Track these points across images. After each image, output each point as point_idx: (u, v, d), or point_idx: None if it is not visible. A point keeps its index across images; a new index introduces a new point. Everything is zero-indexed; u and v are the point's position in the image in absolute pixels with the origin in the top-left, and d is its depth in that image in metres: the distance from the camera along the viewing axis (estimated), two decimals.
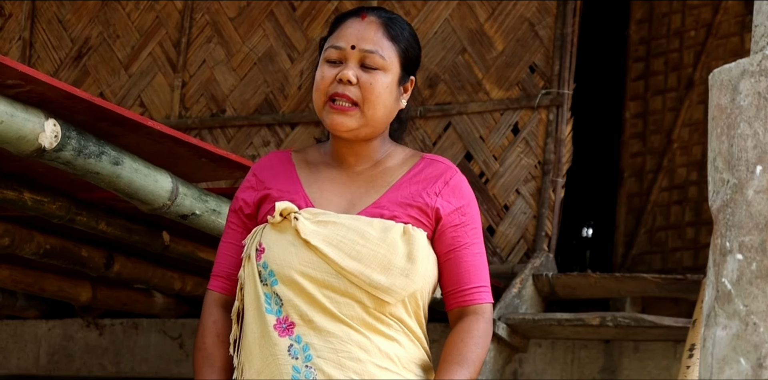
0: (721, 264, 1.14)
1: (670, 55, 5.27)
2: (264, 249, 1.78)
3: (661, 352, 3.83)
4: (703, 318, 1.14)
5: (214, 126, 5.24)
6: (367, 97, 1.79)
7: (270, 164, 1.90)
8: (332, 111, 1.79)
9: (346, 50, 1.80)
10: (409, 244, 1.76)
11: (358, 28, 1.82)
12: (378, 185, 1.84)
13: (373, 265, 1.74)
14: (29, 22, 5.63)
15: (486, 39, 4.78)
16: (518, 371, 4.00)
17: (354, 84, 1.79)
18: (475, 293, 1.81)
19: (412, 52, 1.85)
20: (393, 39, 1.82)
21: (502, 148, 4.65)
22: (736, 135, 1.18)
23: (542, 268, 4.23)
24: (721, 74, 1.24)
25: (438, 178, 1.83)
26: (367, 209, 1.80)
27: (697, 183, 4.97)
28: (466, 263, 1.81)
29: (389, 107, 1.82)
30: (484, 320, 1.80)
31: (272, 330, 1.74)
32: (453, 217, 1.82)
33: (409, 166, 1.86)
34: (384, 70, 1.80)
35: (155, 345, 4.62)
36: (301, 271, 1.74)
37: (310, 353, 1.72)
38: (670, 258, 5.00)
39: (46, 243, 3.39)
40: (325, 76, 1.80)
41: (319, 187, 1.84)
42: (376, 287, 1.74)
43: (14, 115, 2.31)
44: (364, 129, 1.81)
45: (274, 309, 1.75)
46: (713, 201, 1.20)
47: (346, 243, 1.75)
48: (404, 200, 1.80)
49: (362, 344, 1.73)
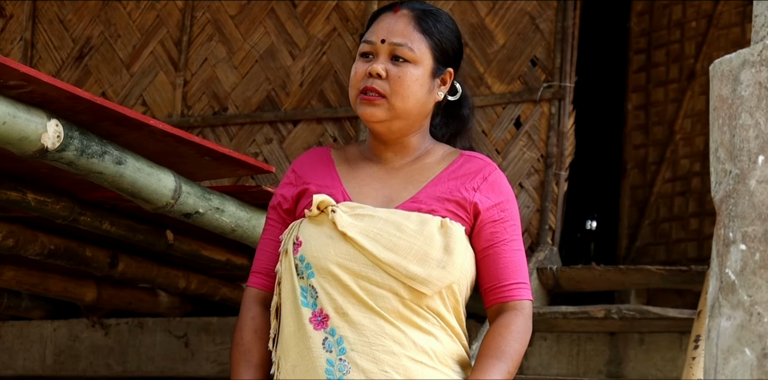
0: (725, 255, 1.13)
1: (672, 47, 5.26)
2: (301, 242, 1.78)
3: (667, 344, 3.83)
4: (707, 309, 1.14)
5: (217, 124, 5.24)
6: (395, 90, 1.80)
7: (309, 160, 1.90)
8: (362, 103, 1.81)
9: (377, 44, 1.82)
10: (447, 237, 1.76)
11: (389, 22, 1.83)
12: (416, 180, 1.84)
13: (409, 257, 1.73)
14: (30, 23, 5.63)
15: (487, 33, 4.78)
16: (524, 364, 4.00)
17: (384, 78, 1.80)
18: (514, 289, 1.80)
19: (447, 43, 1.85)
20: (424, 31, 1.82)
21: (504, 141, 4.65)
22: (737, 125, 1.18)
23: (546, 262, 4.23)
24: (722, 65, 1.24)
25: (477, 173, 1.83)
26: (405, 203, 1.80)
27: (701, 174, 4.96)
28: (505, 259, 1.80)
29: (420, 99, 1.82)
30: (523, 316, 1.79)
31: (307, 324, 1.74)
32: (492, 213, 1.81)
33: (447, 163, 1.85)
34: (414, 62, 1.80)
35: (161, 344, 4.62)
36: (338, 263, 1.74)
37: (344, 346, 1.71)
38: (674, 250, 5.00)
39: (50, 243, 3.39)
40: (358, 71, 1.83)
41: (357, 183, 1.84)
42: (413, 278, 1.73)
43: (17, 115, 2.31)
44: (397, 121, 1.82)
45: (310, 302, 1.75)
46: (716, 192, 1.19)
47: (383, 235, 1.75)
48: (442, 195, 1.80)
49: (397, 337, 1.72)
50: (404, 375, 1.70)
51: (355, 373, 1.70)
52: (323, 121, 5.05)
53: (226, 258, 3.68)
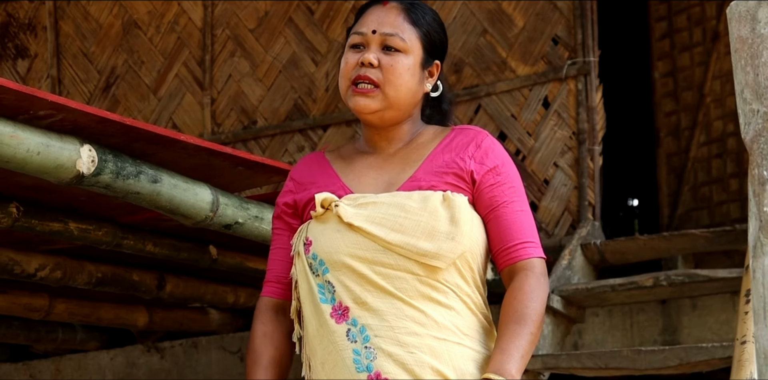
0: (761, 194, 1.12)
1: (692, 10, 5.21)
2: (311, 241, 1.80)
3: (720, 306, 3.78)
4: (749, 250, 1.13)
5: (248, 138, 5.27)
6: (388, 78, 1.82)
7: (306, 165, 1.94)
8: (355, 94, 1.84)
9: (368, 35, 1.85)
10: (451, 208, 1.77)
11: (379, 14, 1.87)
12: (412, 161, 1.86)
13: (417, 234, 1.75)
14: (55, 60, 5.71)
15: (505, 17, 4.76)
16: (578, 342, 3.97)
17: (375, 66, 1.83)
18: (519, 249, 1.81)
19: (434, 35, 1.88)
20: (414, 23, 1.86)
21: (534, 123, 4.62)
22: (760, 64, 1.17)
23: (589, 237, 4.20)
24: (739, 6, 1.23)
25: (469, 142, 1.85)
26: (405, 184, 1.83)
27: (735, 134, 4.90)
28: (506, 221, 1.82)
29: (412, 89, 1.85)
30: (534, 274, 1.79)
31: (329, 319, 1.76)
32: (488, 178, 1.83)
33: (440, 138, 1.88)
34: (405, 52, 1.84)
35: (216, 362, 4.64)
36: (350, 253, 1.76)
37: (367, 334, 1.73)
38: (717, 213, 4.94)
39: (97, 271, 3.43)
40: (349, 62, 1.85)
41: (355, 175, 1.87)
42: (424, 254, 1.74)
43: (50, 144, 2.35)
44: (389, 111, 1.85)
45: (328, 297, 1.77)
46: (746, 133, 1.18)
47: (388, 218, 1.77)
48: (439, 169, 1.83)
49: (418, 318, 1.73)
50: (430, 354, 1.71)
51: (382, 358, 1.71)
52: (352, 123, 5.05)
53: None
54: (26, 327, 4.26)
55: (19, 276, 3.23)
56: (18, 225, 2.79)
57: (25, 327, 4.26)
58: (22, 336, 4.28)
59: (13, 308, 3.74)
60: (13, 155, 2.28)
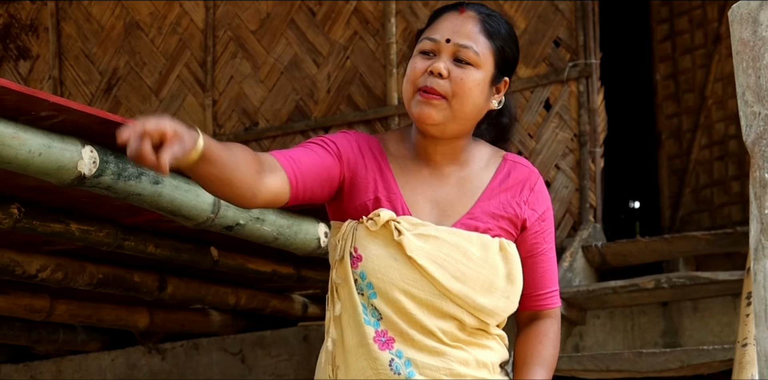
0: (762, 197, 1.12)
1: (694, 13, 5.21)
2: (361, 256, 1.73)
3: (721, 308, 3.78)
4: (751, 253, 1.13)
5: (249, 139, 5.27)
6: (456, 92, 1.74)
7: (368, 148, 1.81)
8: (420, 101, 1.75)
9: (441, 43, 1.77)
10: (508, 263, 1.76)
11: (455, 22, 1.78)
12: (468, 190, 1.80)
13: (476, 287, 1.73)
14: (57, 61, 5.71)
15: (507, 19, 4.75)
16: (579, 344, 3.97)
17: (445, 77, 1.74)
18: (550, 297, 1.84)
19: (508, 51, 1.80)
20: (489, 36, 1.78)
21: (536, 125, 4.62)
22: (762, 66, 1.17)
23: (591, 239, 4.20)
24: (740, 8, 1.23)
25: (524, 184, 1.82)
26: (462, 220, 1.77)
27: (736, 136, 4.90)
28: (542, 268, 1.83)
29: (478, 105, 1.77)
30: (557, 323, 1.85)
31: (372, 343, 1.72)
32: (536, 225, 1.82)
33: (493, 169, 1.83)
34: (477, 66, 1.76)
35: (218, 363, 4.64)
36: (404, 289, 1.72)
37: (412, 369, 1.71)
38: (718, 215, 4.94)
39: (98, 272, 3.43)
40: (417, 68, 1.77)
41: (411, 189, 1.78)
42: (480, 310, 1.74)
43: (51, 145, 2.35)
44: (451, 124, 1.76)
45: (372, 321, 1.73)
46: (747, 135, 1.18)
47: (450, 262, 1.72)
48: (495, 211, 1.79)
49: (462, 358, 1.73)
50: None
51: None
52: (354, 124, 5.06)
53: (271, 269, 3.70)
54: (27, 328, 4.26)
55: (21, 277, 3.24)
56: (19, 226, 2.79)
57: (26, 328, 4.26)
58: (23, 337, 4.28)
59: (14, 309, 3.74)
60: (15, 156, 2.28)
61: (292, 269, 3.79)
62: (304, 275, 3.84)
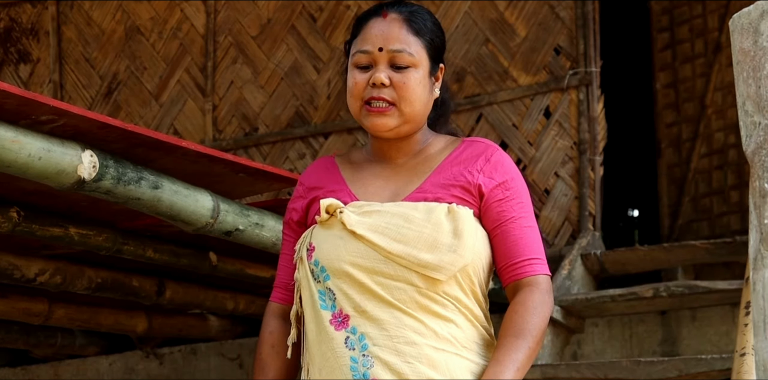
0: (762, 206, 1.12)
1: (694, 22, 5.22)
2: (314, 247, 1.80)
3: (719, 318, 3.78)
4: (750, 262, 1.13)
5: (249, 145, 5.28)
6: (403, 96, 1.80)
7: (315, 171, 1.93)
8: (370, 114, 1.81)
9: (374, 53, 1.80)
10: (455, 221, 1.76)
11: (382, 28, 1.81)
12: (420, 172, 1.85)
13: (419, 245, 1.74)
14: (57, 65, 5.72)
15: (508, 27, 4.77)
16: (577, 352, 3.97)
17: (387, 86, 1.79)
18: (526, 266, 1.79)
19: (437, 41, 1.85)
20: (417, 33, 1.82)
21: (536, 132, 4.63)
22: (762, 76, 1.17)
23: (590, 247, 4.20)
24: (741, 18, 1.23)
25: (479, 156, 1.84)
26: (411, 195, 1.82)
27: (736, 146, 4.91)
28: (514, 236, 1.80)
29: (425, 101, 1.83)
30: (539, 291, 1.77)
31: (328, 326, 1.76)
32: (496, 192, 1.81)
33: (450, 150, 1.87)
34: (414, 66, 1.81)
35: (215, 369, 4.64)
36: (351, 261, 1.76)
37: (366, 342, 1.73)
38: (717, 224, 4.94)
39: (97, 277, 3.43)
40: (358, 82, 1.81)
41: (363, 183, 1.86)
42: (425, 266, 1.73)
43: (51, 149, 2.35)
44: (405, 126, 1.83)
45: (329, 304, 1.77)
46: (747, 145, 1.18)
47: (391, 228, 1.76)
48: (446, 181, 1.82)
49: (417, 328, 1.73)
50: (428, 365, 1.71)
51: (379, 367, 1.71)
52: (353, 130, 5.06)
53: (270, 275, 3.69)
54: (25, 331, 4.26)
55: (19, 280, 3.23)
56: (18, 229, 2.79)
57: (24, 331, 4.25)
58: (21, 340, 4.28)
59: (12, 313, 3.74)
60: (15, 160, 2.28)
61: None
62: None
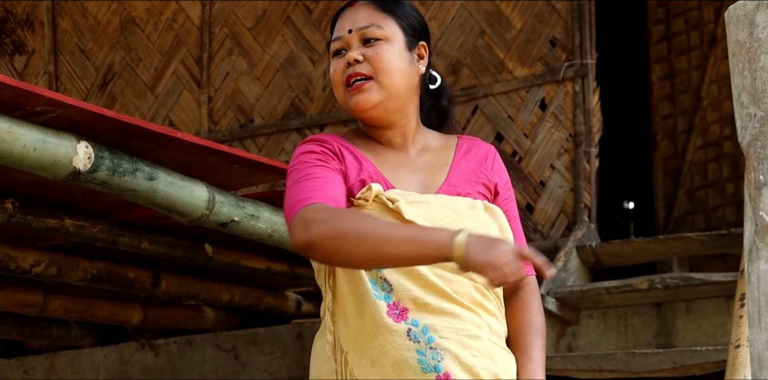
0: (757, 198, 1.12)
1: (690, 14, 5.22)
2: None
3: (715, 310, 3.79)
4: (745, 254, 1.13)
5: (244, 136, 5.27)
6: (378, 66, 1.79)
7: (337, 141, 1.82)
8: (351, 94, 1.80)
9: (345, 37, 1.82)
10: (497, 219, 1.79)
11: (350, 15, 1.84)
12: (438, 165, 1.84)
13: None
14: (52, 56, 5.70)
15: (503, 18, 4.76)
16: (572, 344, 3.97)
17: (362, 61, 1.79)
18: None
19: (410, 17, 1.86)
20: (385, 10, 1.83)
21: (531, 124, 4.63)
22: (757, 68, 1.17)
23: (585, 239, 4.20)
24: (737, 10, 1.23)
25: (486, 155, 1.88)
26: (443, 188, 1.81)
27: (731, 138, 4.91)
28: (517, 237, 1.85)
29: (404, 71, 1.81)
30: (536, 290, 1.86)
31: (386, 317, 1.69)
32: (504, 192, 1.87)
33: (453, 146, 1.88)
34: (385, 38, 1.81)
35: (211, 360, 4.64)
36: None
37: (431, 335, 1.69)
38: (712, 216, 4.95)
39: (92, 268, 3.43)
40: (336, 69, 1.82)
41: (391, 169, 1.82)
42: None
43: (46, 141, 2.34)
44: (391, 101, 1.80)
45: (382, 295, 1.71)
46: (742, 137, 1.18)
47: (446, 221, 1.73)
48: (470, 177, 1.83)
49: (476, 322, 1.73)
50: (489, 358, 1.71)
51: (449, 360, 1.68)
52: (349, 122, 5.05)
53: (266, 266, 3.70)
54: (20, 323, 4.26)
55: (14, 272, 3.23)
56: (13, 221, 2.78)
57: (19, 323, 4.25)
58: (16, 332, 4.28)
59: (7, 304, 3.74)
60: (10, 151, 2.28)
61: (287, 266, 3.79)
62: (299, 272, 3.84)
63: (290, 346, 4.50)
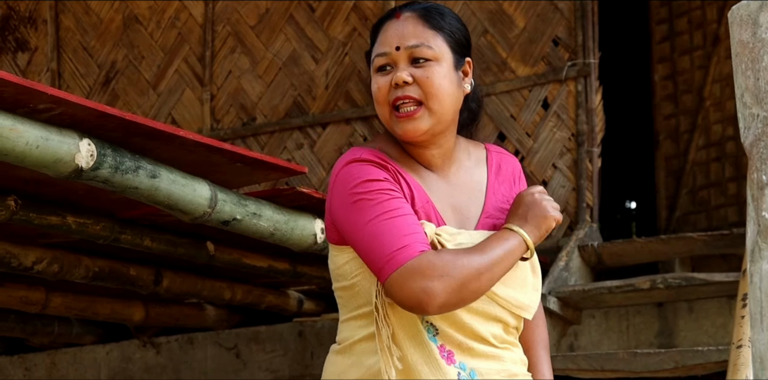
0: (760, 198, 1.12)
1: (693, 13, 5.22)
2: None
3: (716, 310, 3.79)
4: (747, 254, 1.13)
5: (247, 135, 5.28)
6: (429, 92, 1.72)
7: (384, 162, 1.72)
8: (400, 120, 1.72)
9: (392, 54, 1.74)
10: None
11: (397, 28, 1.75)
12: (472, 190, 1.80)
13: (515, 286, 1.73)
14: (55, 53, 5.71)
15: (506, 18, 4.76)
16: (574, 344, 3.98)
17: (411, 83, 1.72)
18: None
19: (458, 34, 1.78)
20: (434, 27, 1.75)
21: (534, 124, 4.63)
22: (761, 68, 1.17)
23: (587, 239, 4.20)
24: (740, 10, 1.23)
25: (514, 174, 1.86)
26: (482, 221, 1.77)
27: (734, 138, 4.91)
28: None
29: (454, 96, 1.75)
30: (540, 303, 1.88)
31: (440, 358, 1.68)
32: None
33: (483, 163, 1.84)
34: (436, 59, 1.73)
35: (212, 358, 4.64)
36: None
37: (478, 378, 1.71)
38: (714, 216, 4.95)
39: (94, 266, 3.43)
40: (381, 86, 1.74)
41: (436, 197, 1.76)
42: (521, 307, 1.74)
43: (49, 138, 2.34)
44: (437, 126, 1.74)
45: (431, 336, 1.70)
46: (745, 137, 1.18)
47: None
48: (502, 205, 1.80)
49: (512, 358, 1.76)
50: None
51: None
52: (352, 121, 5.06)
53: (268, 265, 3.70)
54: (22, 320, 4.26)
55: (16, 269, 3.23)
56: (16, 218, 2.78)
57: (21, 320, 4.26)
58: (18, 329, 4.28)
59: (9, 301, 3.74)
60: (12, 148, 2.28)
61: (288, 265, 3.79)
62: (300, 271, 3.84)
63: (291, 345, 4.50)
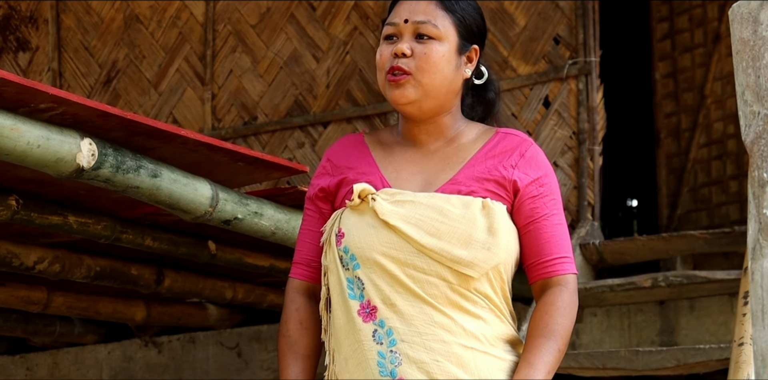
0: (761, 196, 1.12)
1: (694, 11, 5.22)
2: (344, 233, 1.76)
3: (718, 308, 3.79)
4: (748, 252, 1.13)
5: (248, 134, 5.28)
6: (421, 66, 1.77)
7: (343, 148, 1.88)
8: (390, 85, 1.79)
9: (400, 25, 1.80)
10: (489, 217, 1.74)
11: (411, 3, 1.82)
12: (453, 162, 1.82)
13: (453, 241, 1.71)
14: (56, 53, 5.71)
15: (507, 16, 4.76)
16: (576, 342, 3.98)
17: (409, 56, 1.78)
18: (557, 264, 1.78)
19: (470, 20, 1.82)
20: (446, 9, 1.81)
21: (535, 122, 4.63)
22: (761, 66, 1.17)
23: (588, 237, 4.21)
24: (741, 7, 1.23)
25: (514, 150, 1.81)
26: (444, 186, 1.78)
27: (735, 136, 4.91)
28: (547, 234, 1.78)
29: (448, 76, 1.79)
30: (568, 291, 1.77)
31: (356, 316, 1.72)
32: (531, 189, 1.79)
33: (483, 141, 1.84)
34: (439, 38, 1.79)
35: (214, 357, 4.65)
36: (383, 252, 1.73)
37: (394, 337, 1.70)
38: (716, 214, 4.95)
39: (95, 265, 3.43)
40: (383, 54, 1.81)
41: (395, 168, 1.83)
42: (458, 262, 1.71)
43: (50, 137, 2.34)
44: (427, 101, 1.80)
45: (357, 294, 1.74)
46: (746, 134, 1.18)
47: (425, 221, 1.73)
48: (480, 175, 1.79)
49: (446, 325, 1.70)
50: (457, 364, 1.69)
51: (407, 365, 1.68)
52: (353, 120, 5.06)
53: (269, 264, 3.70)
54: (24, 320, 4.27)
55: (18, 269, 3.24)
56: (17, 217, 2.78)
57: (23, 320, 4.26)
58: (19, 329, 4.29)
59: (11, 301, 3.74)
60: (13, 148, 2.28)
61: (290, 264, 3.78)
62: None
63: None
